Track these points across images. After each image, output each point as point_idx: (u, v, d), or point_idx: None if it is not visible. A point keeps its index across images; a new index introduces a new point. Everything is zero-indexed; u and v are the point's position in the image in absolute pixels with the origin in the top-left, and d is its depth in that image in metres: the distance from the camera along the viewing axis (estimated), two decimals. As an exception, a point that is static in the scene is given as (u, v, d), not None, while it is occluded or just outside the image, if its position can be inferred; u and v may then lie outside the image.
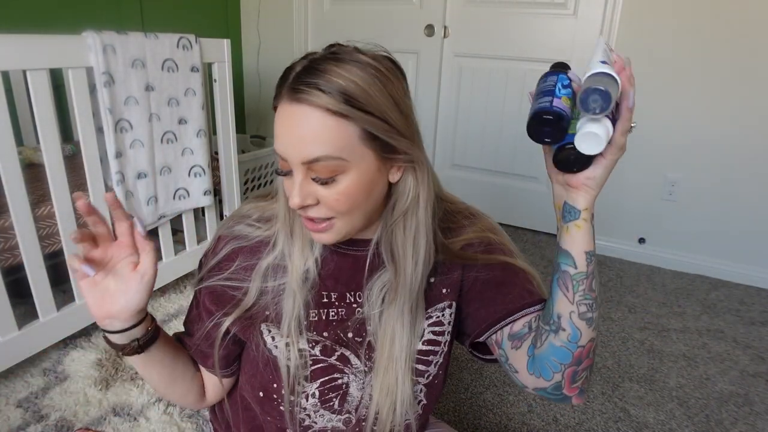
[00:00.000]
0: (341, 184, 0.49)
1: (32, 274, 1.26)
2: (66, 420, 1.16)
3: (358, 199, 0.51)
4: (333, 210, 0.51)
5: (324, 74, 0.47)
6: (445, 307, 0.64)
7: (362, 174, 0.50)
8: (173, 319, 1.58)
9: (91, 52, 1.26)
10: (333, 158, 0.48)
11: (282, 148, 0.51)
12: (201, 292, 0.64)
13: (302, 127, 0.48)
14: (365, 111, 0.47)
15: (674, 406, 1.33)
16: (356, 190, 0.50)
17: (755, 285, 2.05)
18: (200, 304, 0.64)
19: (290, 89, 0.50)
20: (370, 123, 0.48)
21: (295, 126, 0.49)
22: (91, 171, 1.34)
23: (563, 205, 0.54)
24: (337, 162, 0.48)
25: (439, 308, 0.63)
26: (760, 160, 1.94)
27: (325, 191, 0.50)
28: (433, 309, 0.63)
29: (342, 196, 0.50)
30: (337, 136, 0.47)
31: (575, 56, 2.17)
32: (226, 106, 1.73)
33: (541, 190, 2.44)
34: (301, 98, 0.48)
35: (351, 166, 0.49)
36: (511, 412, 1.28)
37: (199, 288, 0.64)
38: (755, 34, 1.83)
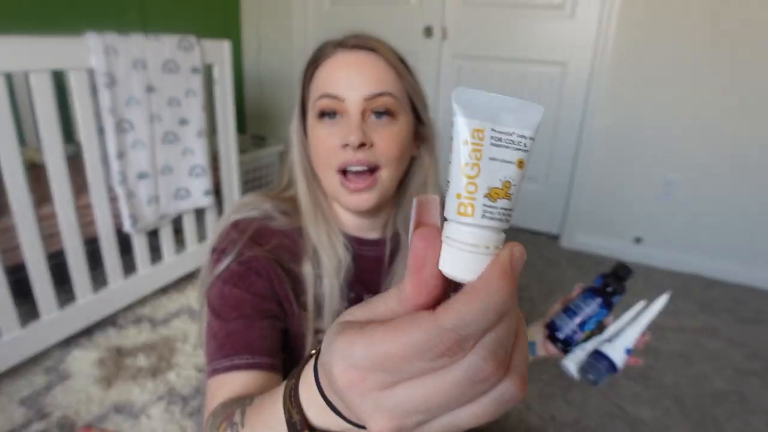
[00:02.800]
0: (394, 127, 0.57)
1: (34, 273, 1.27)
2: (68, 418, 1.17)
3: (403, 148, 0.59)
4: (383, 155, 0.57)
5: (376, 38, 0.58)
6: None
7: (406, 126, 0.59)
8: (174, 318, 1.59)
9: (92, 54, 1.27)
10: (393, 96, 0.57)
11: (341, 89, 0.57)
12: (240, 271, 0.59)
13: (367, 68, 0.56)
14: (411, 75, 0.59)
15: (670, 403, 1.35)
16: (403, 138, 0.58)
17: (750, 284, 2.07)
18: (240, 287, 0.59)
19: (349, 44, 0.58)
20: (412, 87, 0.59)
21: (360, 66, 0.56)
22: (93, 171, 1.35)
23: (531, 344, 0.65)
24: (395, 101, 0.57)
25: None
26: (756, 161, 1.96)
27: (379, 132, 0.57)
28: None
29: (394, 136, 0.57)
30: (395, 83, 0.57)
31: (573, 57, 2.19)
32: (227, 106, 1.74)
33: (540, 191, 2.46)
34: (367, 46, 0.57)
35: (401, 113, 0.58)
36: (509, 410, 1.29)
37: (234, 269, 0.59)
38: (752, 35, 1.85)
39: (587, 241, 2.34)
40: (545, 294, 1.91)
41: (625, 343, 0.60)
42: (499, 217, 0.21)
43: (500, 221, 0.21)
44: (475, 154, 0.21)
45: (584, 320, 0.62)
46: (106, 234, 1.44)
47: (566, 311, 0.63)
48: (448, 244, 0.21)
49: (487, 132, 0.21)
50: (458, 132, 0.22)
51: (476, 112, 0.22)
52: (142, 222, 1.50)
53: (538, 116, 0.22)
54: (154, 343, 1.46)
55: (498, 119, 0.22)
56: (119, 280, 1.52)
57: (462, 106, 0.22)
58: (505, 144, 0.22)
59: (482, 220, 0.21)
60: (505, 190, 0.22)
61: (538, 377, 1.39)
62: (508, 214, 0.22)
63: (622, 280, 0.63)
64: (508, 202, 0.22)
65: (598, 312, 0.62)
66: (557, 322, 0.63)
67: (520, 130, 0.22)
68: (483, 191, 0.21)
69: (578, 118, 2.25)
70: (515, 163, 0.22)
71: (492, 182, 0.21)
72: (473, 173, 0.21)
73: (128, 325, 1.54)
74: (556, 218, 2.46)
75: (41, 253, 1.27)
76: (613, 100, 2.12)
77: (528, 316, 1.86)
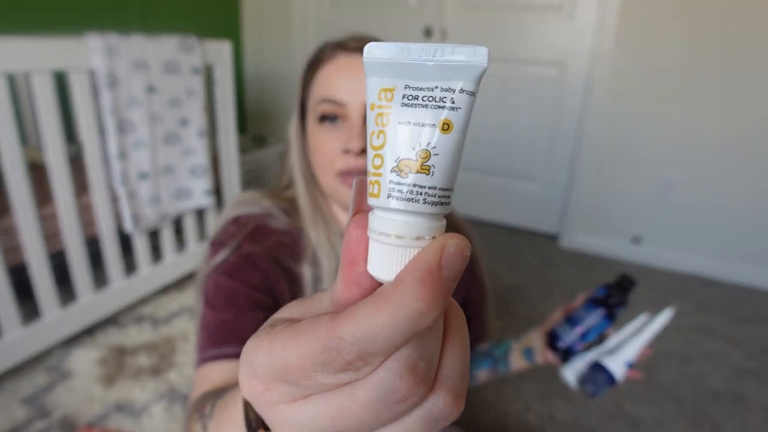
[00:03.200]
0: None
1: (36, 272, 1.27)
2: (70, 417, 1.17)
3: None
4: None
5: (377, 39, 0.59)
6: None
7: None
8: (175, 317, 1.60)
9: (93, 54, 1.28)
10: None
11: (342, 94, 0.56)
12: (235, 265, 0.59)
13: None
14: None
15: (668, 402, 1.35)
16: None
17: (748, 283, 2.08)
18: (236, 278, 0.59)
19: (350, 46, 0.57)
20: None
21: (361, 70, 0.55)
22: (94, 171, 1.36)
23: (529, 350, 0.68)
24: None
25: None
26: (754, 160, 1.97)
27: None
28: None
29: None
30: None
31: (572, 58, 2.19)
32: (227, 107, 1.74)
33: (538, 190, 2.47)
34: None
35: None
36: (508, 409, 1.30)
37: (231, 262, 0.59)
38: (749, 37, 1.86)
39: (586, 241, 2.35)
40: (544, 294, 1.92)
41: (626, 356, 0.60)
42: (413, 197, 0.17)
43: (416, 203, 0.17)
44: (381, 120, 0.17)
45: (586, 331, 0.62)
46: (107, 234, 1.45)
47: (568, 321, 0.63)
48: (369, 235, 0.17)
49: (398, 90, 0.17)
50: (368, 96, 0.18)
51: (389, 69, 0.17)
52: (143, 222, 1.50)
53: (479, 61, 0.17)
54: (155, 342, 1.47)
55: (417, 73, 0.17)
56: (120, 280, 1.52)
57: (373, 64, 0.18)
58: (422, 102, 0.17)
59: (388, 200, 0.17)
60: (421, 161, 0.17)
61: (538, 376, 1.40)
62: (432, 194, 0.17)
63: (626, 292, 0.62)
64: (428, 178, 0.17)
65: (600, 323, 0.62)
66: (558, 331, 0.64)
67: (445, 83, 0.17)
68: (390, 164, 0.17)
69: (577, 118, 2.26)
70: (438, 126, 0.17)
71: (401, 152, 0.17)
72: (379, 143, 0.17)
73: (129, 324, 1.55)
74: (555, 218, 2.46)
75: (43, 253, 1.27)
76: (612, 101, 2.13)
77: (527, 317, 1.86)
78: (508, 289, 1.93)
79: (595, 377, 0.60)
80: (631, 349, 0.60)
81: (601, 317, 0.61)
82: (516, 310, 1.79)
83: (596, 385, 0.60)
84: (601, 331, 0.62)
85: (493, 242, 2.39)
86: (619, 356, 0.60)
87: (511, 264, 2.17)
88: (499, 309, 1.76)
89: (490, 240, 2.41)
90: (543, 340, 0.65)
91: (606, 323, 0.61)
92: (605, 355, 0.61)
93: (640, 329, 0.63)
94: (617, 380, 0.60)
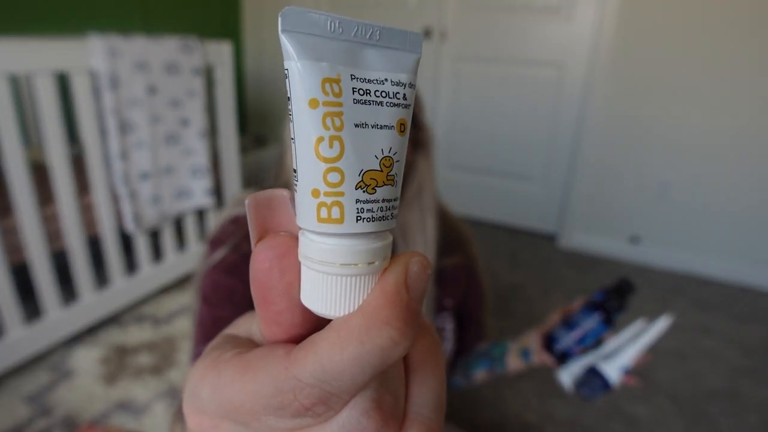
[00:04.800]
0: None
1: (38, 272, 1.28)
2: (72, 415, 1.18)
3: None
4: None
5: None
6: (447, 316, 0.68)
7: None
8: (176, 317, 1.61)
9: (95, 55, 1.29)
10: None
11: None
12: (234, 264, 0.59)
13: None
14: None
15: (665, 400, 1.37)
16: None
17: (744, 282, 2.09)
18: (234, 277, 0.59)
19: None
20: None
21: None
22: (96, 172, 1.37)
23: (526, 351, 0.68)
24: None
25: (441, 317, 0.68)
26: (752, 160, 1.98)
27: None
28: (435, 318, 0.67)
29: None
30: None
31: (571, 59, 2.21)
32: (228, 107, 1.75)
33: (537, 190, 2.48)
34: None
35: None
36: (507, 408, 1.31)
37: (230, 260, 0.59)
38: (748, 37, 1.87)
39: (584, 241, 2.36)
40: (542, 294, 1.93)
41: (622, 361, 0.60)
42: (383, 215, 0.14)
43: (386, 221, 0.14)
44: (334, 122, 0.13)
45: (583, 335, 0.62)
46: (108, 233, 1.45)
47: (565, 324, 0.64)
48: (308, 266, 0.14)
49: (345, 82, 0.14)
50: (298, 86, 0.13)
51: (323, 49, 0.13)
52: (145, 222, 1.51)
53: (417, 51, 0.15)
54: (156, 341, 1.48)
55: (358, 59, 0.14)
56: (122, 279, 1.53)
57: (297, 41, 0.13)
58: (376, 99, 0.14)
59: (359, 225, 0.14)
60: (386, 171, 0.14)
61: (536, 376, 1.41)
62: (395, 206, 0.15)
63: (624, 297, 0.63)
64: (393, 190, 0.14)
65: (597, 327, 0.62)
66: (555, 334, 0.64)
67: (394, 75, 0.14)
68: (354, 179, 0.14)
69: (575, 118, 2.27)
70: (395, 127, 0.14)
71: (365, 163, 0.14)
72: (333, 153, 0.13)
73: (131, 323, 1.56)
74: (553, 218, 2.48)
75: (45, 253, 1.28)
76: (610, 101, 2.14)
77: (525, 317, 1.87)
78: (507, 289, 1.95)
79: (590, 382, 0.61)
80: (628, 355, 0.61)
81: (599, 322, 0.62)
82: (514, 310, 1.80)
83: (591, 389, 0.61)
84: (598, 336, 0.62)
85: (491, 242, 2.40)
86: (615, 361, 0.60)
87: (510, 264, 2.18)
88: (498, 309, 1.77)
89: (489, 240, 2.42)
90: (540, 342, 0.66)
91: (603, 328, 0.62)
92: (601, 359, 0.62)
93: (638, 335, 0.63)
94: (612, 385, 0.60)
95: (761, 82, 1.89)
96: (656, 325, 0.62)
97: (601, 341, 0.64)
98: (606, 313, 0.62)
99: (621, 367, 0.60)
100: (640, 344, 0.61)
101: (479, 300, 0.75)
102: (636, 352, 0.61)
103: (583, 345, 0.62)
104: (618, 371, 0.60)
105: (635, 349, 0.61)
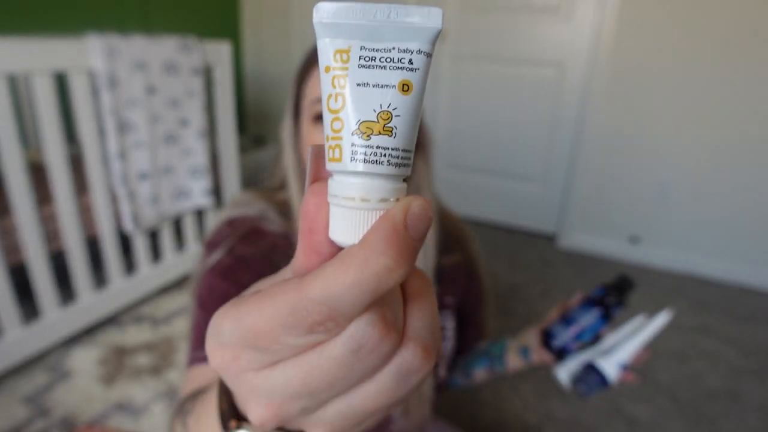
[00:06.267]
0: None
1: (36, 272, 1.28)
2: (70, 416, 1.18)
3: None
4: None
5: None
6: (447, 315, 0.67)
7: None
8: (175, 317, 1.61)
9: (94, 55, 1.28)
10: None
11: None
12: (231, 267, 0.59)
13: None
14: None
15: (665, 401, 1.36)
16: None
17: (744, 283, 2.09)
18: (229, 280, 0.59)
19: None
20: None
21: None
22: (94, 172, 1.36)
23: (525, 349, 0.68)
24: None
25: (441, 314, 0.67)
26: (751, 161, 1.98)
27: None
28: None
29: None
30: None
31: (571, 59, 2.20)
32: (227, 107, 1.75)
33: (537, 190, 2.48)
34: None
35: None
36: (506, 408, 1.31)
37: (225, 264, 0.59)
38: (748, 38, 1.87)
39: (584, 241, 2.36)
40: (542, 294, 1.93)
41: (620, 358, 0.60)
42: (377, 159, 0.17)
43: (380, 164, 0.17)
44: (338, 82, 0.17)
45: (580, 331, 0.61)
46: (107, 234, 1.45)
47: (563, 320, 0.63)
48: (330, 201, 0.17)
49: (354, 51, 0.17)
50: (320, 57, 0.17)
51: (343, 29, 0.17)
52: (143, 222, 1.51)
53: (434, 22, 0.17)
54: (155, 341, 1.48)
55: (372, 33, 0.17)
56: (120, 280, 1.53)
57: (324, 25, 0.17)
58: (380, 64, 0.17)
59: (352, 164, 0.17)
60: (383, 123, 0.17)
61: (536, 376, 1.41)
62: (395, 156, 0.17)
63: (624, 293, 0.62)
64: (391, 140, 0.17)
65: (595, 323, 0.61)
66: (553, 330, 0.63)
67: (402, 44, 0.17)
68: (351, 127, 0.17)
69: (575, 118, 2.27)
70: (397, 87, 0.17)
71: (362, 114, 0.17)
72: (337, 106, 0.17)
73: (129, 324, 1.56)
74: (553, 218, 2.47)
75: (43, 253, 1.28)
76: (610, 101, 2.14)
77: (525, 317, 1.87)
78: (507, 289, 1.94)
79: (587, 378, 0.60)
80: (626, 351, 0.60)
81: (597, 317, 0.61)
82: (514, 310, 1.79)
83: (588, 385, 0.60)
84: (596, 332, 0.62)
85: (491, 242, 2.40)
86: (613, 358, 0.60)
87: (510, 264, 2.18)
88: (498, 309, 1.77)
89: (489, 240, 2.42)
90: (538, 338, 0.66)
91: (601, 323, 0.61)
92: (599, 355, 0.61)
93: (637, 330, 0.62)
94: (610, 382, 0.59)
95: (761, 82, 1.88)
96: (655, 321, 0.62)
97: (600, 337, 0.63)
98: (604, 308, 0.61)
99: (619, 364, 0.59)
100: (639, 340, 0.60)
101: (479, 299, 0.75)
102: (634, 349, 0.60)
103: (581, 341, 0.62)
104: (616, 367, 0.59)
105: (634, 346, 0.60)
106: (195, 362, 0.55)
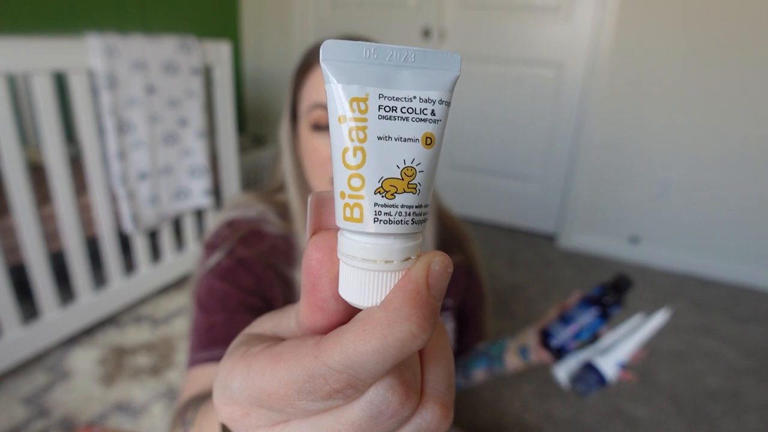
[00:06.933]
0: None
1: (36, 272, 1.28)
2: (69, 416, 1.17)
3: None
4: None
5: (370, 39, 0.56)
6: (447, 316, 0.67)
7: None
8: (175, 317, 1.60)
9: (93, 55, 1.28)
10: None
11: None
12: (230, 268, 0.59)
13: None
14: None
15: (665, 401, 1.36)
16: None
17: (744, 283, 2.09)
18: (228, 281, 0.59)
19: None
20: None
21: None
22: (94, 172, 1.36)
23: (524, 349, 0.68)
24: None
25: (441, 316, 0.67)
26: (751, 161, 1.98)
27: None
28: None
29: None
30: None
31: (570, 59, 2.20)
32: (227, 107, 1.75)
33: (537, 190, 2.48)
34: None
35: None
36: (506, 408, 1.31)
37: (225, 265, 0.59)
38: (748, 38, 1.87)
39: (584, 241, 2.36)
40: (542, 294, 1.93)
41: (618, 356, 0.59)
42: (402, 219, 0.16)
43: (405, 224, 0.16)
44: (357, 134, 0.15)
45: (579, 330, 0.61)
46: (106, 234, 1.45)
47: (561, 319, 0.63)
48: (341, 260, 0.16)
49: (372, 100, 0.15)
50: (331, 104, 0.16)
51: (356, 73, 0.15)
52: (143, 222, 1.51)
53: (453, 70, 0.16)
54: (154, 342, 1.47)
55: (389, 80, 0.16)
56: (120, 280, 1.53)
57: (334, 67, 0.15)
58: (401, 115, 0.16)
59: (376, 225, 0.15)
60: (407, 180, 0.16)
61: (536, 376, 1.41)
62: (419, 213, 0.16)
63: (622, 292, 0.62)
64: (415, 197, 0.16)
65: (593, 322, 0.61)
66: (551, 329, 0.63)
67: (423, 92, 0.16)
68: (373, 186, 0.15)
69: (575, 119, 2.27)
70: (420, 141, 0.16)
71: (385, 171, 0.15)
72: (356, 161, 0.15)
73: (129, 324, 1.55)
74: (553, 218, 2.47)
75: (42, 253, 1.27)
76: (610, 101, 2.14)
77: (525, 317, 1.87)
78: (506, 289, 1.94)
79: (586, 377, 0.60)
80: (624, 350, 0.60)
81: (595, 316, 0.61)
82: (514, 310, 1.79)
83: (587, 384, 0.60)
84: (594, 331, 0.61)
85: (491, 242, 2.39)
86: (611, 356, 0.59)
87: (509, 264, 2.18)
88: (497, 309, 1.76)
89: (489, 240, 2.41)
90: (537, 338, 0.66)
91: (600, 322, 0.61)
92: (597, 354, 0.61)
93: (635, 329, 0.62)
94: (608, 381, 0.59)
95: (761, 82, 1.88)
96: (653, 320, 0.61)
97: (598, 336, 0.63)
98: (602, 307, 0.61)
99: (617, 362, 0.59)
100: (637, 339, 0.60)
101: (479, 300, 0.75)
102: (632, 347, 0.60)
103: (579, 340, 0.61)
104: (614, 366, 0.59)
105: (632, 344, 0.60)
106: (195, 364, 0.55)
